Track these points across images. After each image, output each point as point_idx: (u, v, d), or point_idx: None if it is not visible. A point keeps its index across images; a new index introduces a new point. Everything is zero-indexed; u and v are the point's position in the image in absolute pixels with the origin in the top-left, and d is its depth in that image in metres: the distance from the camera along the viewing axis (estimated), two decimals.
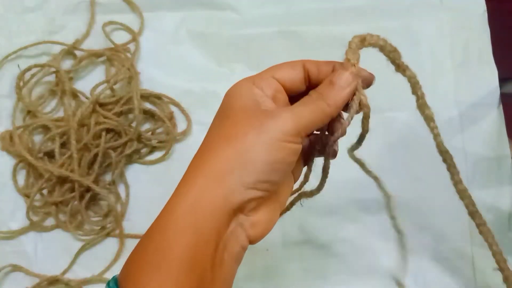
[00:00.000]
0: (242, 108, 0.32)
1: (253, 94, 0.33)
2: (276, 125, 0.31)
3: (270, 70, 0.35)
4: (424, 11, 0.62)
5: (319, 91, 0.33)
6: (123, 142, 0.57)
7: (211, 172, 0.30)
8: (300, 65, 0.35)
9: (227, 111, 0.33)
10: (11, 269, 0.55)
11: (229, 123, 0.32)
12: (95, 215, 0.57)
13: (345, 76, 0.33)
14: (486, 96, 0.59)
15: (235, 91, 0.34)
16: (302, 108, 0.32)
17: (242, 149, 0.30)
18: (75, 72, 0.61)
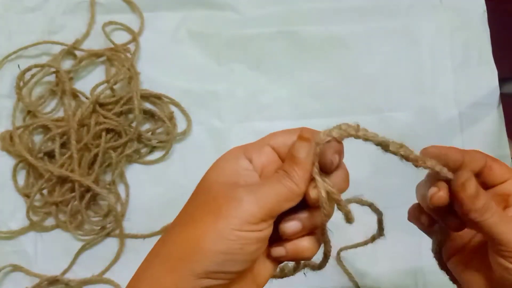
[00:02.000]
0: (215, 185, 0.30)
1: (237, 166, 0.30)
2: (235, 211, 0.28)
3: (266, 138, 0.32)
4: (424, 11, 0.62)
5: (283, 168, 0.30)
6: (123, 142, 0.57)
7: (166, 258, 0.29)
8: (298, 131, 0.31)
9: (198, 187, 0.31)
10: (11, 269, 0.55)
11: (197, 201, 0.30)
12: (95, 215, 0.57)
13: (302, 145, 0.30)
14: (486, 96, 0.59)
15: (217, 163, 0.31)
16: (269, 190, 0.29)
17: (195, 236, 0.28)
18: (75, 72, 0.61)
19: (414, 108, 0.59)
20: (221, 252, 0.28)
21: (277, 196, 0.29)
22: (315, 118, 0.59)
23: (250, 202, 0.28)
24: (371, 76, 0.61)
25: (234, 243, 0.28)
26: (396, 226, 0.55)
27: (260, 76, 0.61)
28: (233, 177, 0.30)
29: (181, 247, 0.28)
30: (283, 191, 0.29)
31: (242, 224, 0.28)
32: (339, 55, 0.61)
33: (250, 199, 0.28)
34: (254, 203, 0.28)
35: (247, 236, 0.28)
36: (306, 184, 0.30)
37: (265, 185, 0.29)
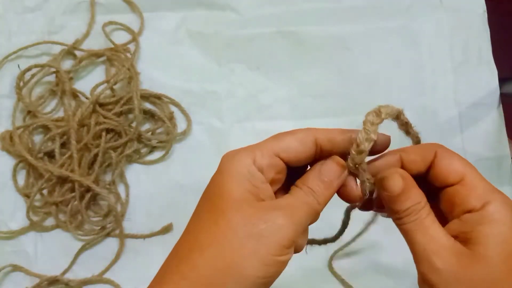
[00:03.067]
0: (237, 200, 0.28)
1: (252, 178, 0.29)
2: (276, 239, 0.28)
3: (274, 143, 0.30)
4: (423, 11, 0.62)
5: (308, 186, 0.30)
6: (123, 142, 0.57)
7: (201, 282, 0.28)
8: (311, 140, 0.30)
9: (218, 199, 0.29)
10: (11, 269, 0.55)
11: (221, 219, 0.28)
12: (95, 215, 0.57)
13: (334, 170, 0.30)
14: (486, 96, 0.59)
15: (231, 170, 0.30)
16: (300, 212, 0.29)
17: (236, 262, 0.27)
18: (75, 72, 0.61)
19: (414, 108, 0.59)
20: (260, 277, 0.28)
21: (306, 217, 0.29)
22: (315, 118, 0.59)
23: (287, 227, 0.28)
24: (371, 76, 0.61)
25: (272, 267, 0.28)
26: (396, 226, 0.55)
27: (260, 76, 0.61)
28: (251, 191, 0.29)
29: (220, 272, 0.27)
30: (310, 212, 0.29)
31: (280, 250, 0.28)
32: (339, 55, 0.61)
33: (287, 223, 0.28)
34: (291, 227, 0.28)
35: (283, 260, 0.28)
36: (327, 203, 0.30)
37: (296, 207, 0.29)
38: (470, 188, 0.29)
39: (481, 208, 0.29)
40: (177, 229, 0.56)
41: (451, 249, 0.28)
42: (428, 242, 0.28)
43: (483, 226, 0.28)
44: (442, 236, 0.28)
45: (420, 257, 0.29)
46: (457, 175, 0.30)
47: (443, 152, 0.31)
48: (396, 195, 0.29)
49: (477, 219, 0.28)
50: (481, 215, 0.28)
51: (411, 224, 0.29)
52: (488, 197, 0.29)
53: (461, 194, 0.29)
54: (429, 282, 0.28)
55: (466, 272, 0.27)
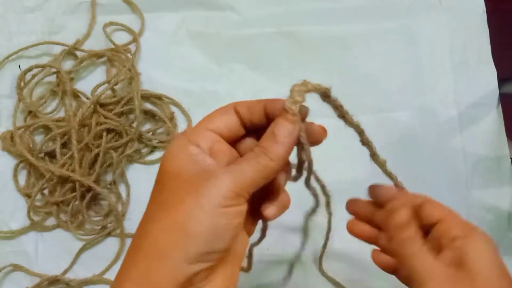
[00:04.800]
0: (177, 172, 0.30)
1: (189, 153, 0.30)
2: (214, 189, 0.29)
3: (202, 122, 0.33)
4: (423, 11, 0.62)
5: (261, 145, 0.30)
6: (124, 142, 0.57)
7: (152, 248, 0.29)
8: (231, 109, 0.33)
9: (163, 177, 0.31)
10: (12, 269, 0.55)
11: (166, 190, 0.30)
12: (96, 214, 0.57)
13: (286, 127, 0.31)
14: (485, 96, 0.59)
15: (170, 154, 0.31)
16: (243, 166, 0.30)
17: (181, 220, 0.28)
18: (76, 73, 0.61)
19: (413, 108, 0.59)
20: (209, 231, 0.28)
21: (254, 172, 0.30)
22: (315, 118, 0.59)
23: (227, 179, 0.29)
24: (371, 76, 0.61)
25: (220, 219, 0.28)
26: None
27: (260, 76, 0.61)
28: (190, 162, 0.30)
29: (168, 234, 0.28)
30: (259, 168, 0.30)
31: (224, 200, 0.28)
32: (339, 55, 0.61)
33: (227, 176, 0.29)
34: (231, 179, 0.29)
35: (230, 211, 0.29)
36: (283, 161, 0.31)
37: (241, 163, 0.30)
38: (453, 222, 0.34)
39: (464, 236, 0.33)
40: None
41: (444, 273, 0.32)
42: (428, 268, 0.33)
43: (468, 247, 0.32)
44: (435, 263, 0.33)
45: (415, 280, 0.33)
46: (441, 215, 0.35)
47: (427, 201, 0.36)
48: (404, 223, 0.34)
49: (462, 244, 0.33)
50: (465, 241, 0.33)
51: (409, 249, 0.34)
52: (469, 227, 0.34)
53: (447, 228, 0.34)
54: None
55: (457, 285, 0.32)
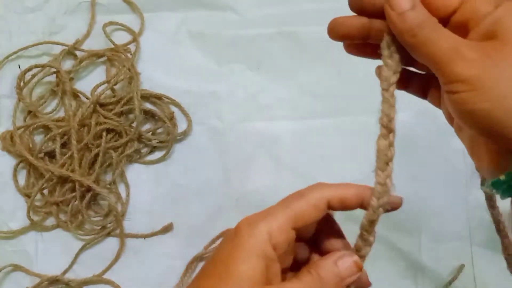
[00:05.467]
0: (243, 281, 0.28)
1: (265, 258, 0.28)
2: None
3: (290, 213, 0.29)
4: None
5: (320, 274, 0.29)
6: (123, 142, 0.57)
7: None
8: (324, 203, 0.30)
9: (224, 274, 0.28)
10: (12, 269, 0.55)
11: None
12: (95, 214, 0.57)
13: (352, 268, 0.30)
14: None
15: (246, 245, 0.28)
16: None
17: None
18: (76, 73, 0.61)
19: (413, 109, 0.59)
20: None
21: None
22: (315, 118, 0.59)
23: None
24: (371, 76, 0.60)
25: None
26: (396, 226, 0.55)
27: (260, 77, 0.61)
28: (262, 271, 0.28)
29: None
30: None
31: None
32: (339, 56, 0.60)
33: None
34: None
35: None
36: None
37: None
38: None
39: (493, 9, 0.27)
40: (177, 229, 0.56)
41: (477, 44, 0.27)
42: (453, 41, 0.27)
43: (502, 19, 0.27)
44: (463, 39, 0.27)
45: (447, 58, 0.27)
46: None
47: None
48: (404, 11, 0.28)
49: (494, 18, 0.27)
50: (497, 14, 0.27)
51: (427, 32, 0.27)
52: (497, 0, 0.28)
53: (470, 7, 0.28)
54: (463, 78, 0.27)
55: (499, 54, 0.26)
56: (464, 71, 0.26)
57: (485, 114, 0.26)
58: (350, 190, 0.31)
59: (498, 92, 0.26)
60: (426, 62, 0.29)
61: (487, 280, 0.53)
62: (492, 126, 0.26)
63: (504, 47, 0.26)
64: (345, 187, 0.31)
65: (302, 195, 0.30)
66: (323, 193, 0.30)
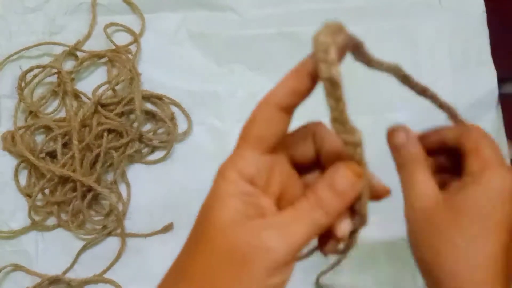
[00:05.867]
0: (224, 224, 0.26)
1: (240, 194, 0.26)
2: (263, 263, 0.25)
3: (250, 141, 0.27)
4: (423, 12, 0.62)
5: (317, 193, 0.27)
6: (124, 142, 0.57)
7: None
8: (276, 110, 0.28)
9: (204, 227, 0.27)
10: (12, 269, 0.55)
11: (206, 249, 0.26)
12: (96, 214, 0.57)
13: (349, 178, 0.27)
14: (485, 96, 0.59)
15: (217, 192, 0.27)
16: (298, 228, 0.26)
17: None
18: (77, 73, 0.61)
19: (413, 109, 0.59)
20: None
21: (307, 234, 0.26)
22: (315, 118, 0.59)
23: (277, 250, 0.25)
24: (371, 76, 0.61)
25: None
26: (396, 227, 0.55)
27: (260, 77, 0.61)
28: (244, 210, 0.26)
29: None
30: (314, 228, 0.26)
31: (268, 274, 0.25)
32: None
33: (278, 245, 0.25)
34: (283, 249, 0.25)
35: (274, 284, 0.25)
36: (337, 218, 0.27)
37: (294, 222, 0.26)
38: (477, 152, 0.33)
39: (478, 172, 0.32)
40: (178, 229, 0.56)
41: (429, 195, 0.33)
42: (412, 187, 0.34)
43: (470, 185, 0.32)
44: (426, 184, 0.33)
45: (405, 200, 0.35)
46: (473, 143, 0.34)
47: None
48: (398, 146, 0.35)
49: (471, 180, 0.32)
50: (474, 177, 0.32)
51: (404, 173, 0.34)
52: (490, 164, 0.32)
53: (469, 160, 0.33)
54: (407, 218, 0.35)
55: (433, 216, 0.32)
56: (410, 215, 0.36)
57: None
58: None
59: None
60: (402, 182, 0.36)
61: None
62: None
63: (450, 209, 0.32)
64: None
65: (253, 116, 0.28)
66: (270, 102, 0.27)
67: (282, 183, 0.29)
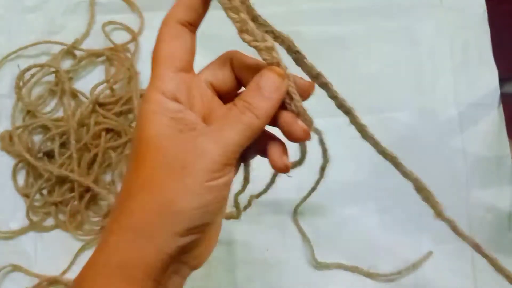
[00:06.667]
0: (156, 141, 0.27)
1: (167, 111, 0.28)
2: (201, 165, 0.27)
3: (163, 61, 0.29)
4: (424, 11, 0.62)
5: (245, 99, 0.28)
6: (123, 142, 0.57)
7: (138, 226, 0.27)
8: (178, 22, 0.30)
9: (141, 147, 0.28)
10: (11, 269, 0.55)
11: (146, 165, 0.27)
12: (94, 215, 0.57)
13: (273, 79, 0.29)
14: (486, 96, 0.59)
15: (144, 112, 0.28)
16: (228, 132, 0.27)
17: (167, 199, 0.27)
18: (75, 72, 0.61)
19: (413, 109, 0.59)
20: (197, 208, 0.27)
21: (240, 135, 0.28)
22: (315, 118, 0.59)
23: (212, 150, 0.27)
24: (371, 76, 0.61)
25: (207, 195, 0.27)
26: (396, 226, 0.55)
27: None
28: (173, 125, 0.27)
29: (154, 213, 0.27)
30: (245, 128, 0.28)
31: (209, 175, 0.27)
32: (339, 55, 0.61)
33: (212, 147, 0.27)
34: (217, 150, 0.27)
35: (217, 184, 0.27)
36: (269, 119, 0.29)
37: (225, 127, 0.28)
38: None
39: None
40: None
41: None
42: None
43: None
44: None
45: None
46: None
47: None
48: None
49: None
50: None
51: None
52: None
53: None
54: None
55: None
56: None
57: None
58: None
59: None
60: None
61: (487, 280, 0.53)
62: None
63: None
64: None
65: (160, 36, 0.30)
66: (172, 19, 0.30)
67: (205, 105, 0.30)
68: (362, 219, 0.56)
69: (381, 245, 0.55)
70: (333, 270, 0.54)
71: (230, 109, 0.29)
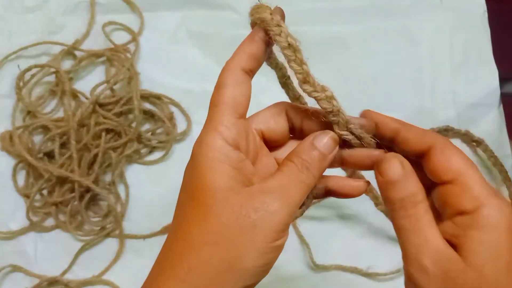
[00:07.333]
0: (221, 191, 0.27)
1: (230, 160, 0.28)
2: (270, 225, 0.27)
3: (226, 108, 0.29)
4: (424, 11, 0.62)
5: (302, 158, 0.29)
6: (123, 142, 0.57)
7: (197, 282, 0.27)
8: (243, 72, 0.30)
9: (200, 194, 0.27)
10: (11, 270, 0.55)
11: (209, 215, 0.27)
12: (95, 215, 0.57)
13: (327, 141, 0.29)
14: (486, 96, 0.59)
15: (205, 159, 0.28)
16: (295, 192, 0.28)
17: (234, 257, 0.26)
18: (75, 73, 0.61)
19: (413, 108, 0.59)
20: (261, 266, 0.27)
21: (302, 196, 0.28)
22: None
23: (281, 212, 0.27)
24: (371, 76, 0.61)
25: (271, 254, 0.27)
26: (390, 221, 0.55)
27: (260, 76, 0.60)
28: (235, 175, 0.27)
29: (217, 271, 0.27)
30: (305, 189, 0.28)
31: (276, 235, 0.27)
32: (339, 55, 0.61)
33: (280, 208, 0.27)
34: (285, 211, 0.27)
35: (281, 244, 0.28)
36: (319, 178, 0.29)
37: (290, 186, 0.28)
38: (464, 188, 0.27)
39: (473, 211, 0.26)
40: None
41: (443, 254, 0.26)
42: (421, 245, 0.27)
43: (474, 231, 0.26)
44: (437, 240, 0.27)
45: (410, 257, 0.27)
46: (453, 173, 0.28)
47: (442, 144, 0.28)
48: (393, 181, 0.28)
49: (469, 223, 0.26)
50: (473, 219, 0.26)
51: (406, 221, 0.27)
52: (483, 200, 0.26)
53: (454, 193, 0.27)
54: (416, 282, 0.27)
55: (455, 279, 0.26)
56: (421, 280, 0.27)
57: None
58: None
59: None
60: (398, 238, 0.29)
61: None
62: None
63: (466, 273, 0.26)
64: None
65: (223, 81, 0.30)
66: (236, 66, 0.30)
67: (256, 151, 0.31)
68: (361, 219, 0.56)
69: (380, 245, 0.55)
70: (332, 272, 0.54)
71: (289, 166, 0.29)
